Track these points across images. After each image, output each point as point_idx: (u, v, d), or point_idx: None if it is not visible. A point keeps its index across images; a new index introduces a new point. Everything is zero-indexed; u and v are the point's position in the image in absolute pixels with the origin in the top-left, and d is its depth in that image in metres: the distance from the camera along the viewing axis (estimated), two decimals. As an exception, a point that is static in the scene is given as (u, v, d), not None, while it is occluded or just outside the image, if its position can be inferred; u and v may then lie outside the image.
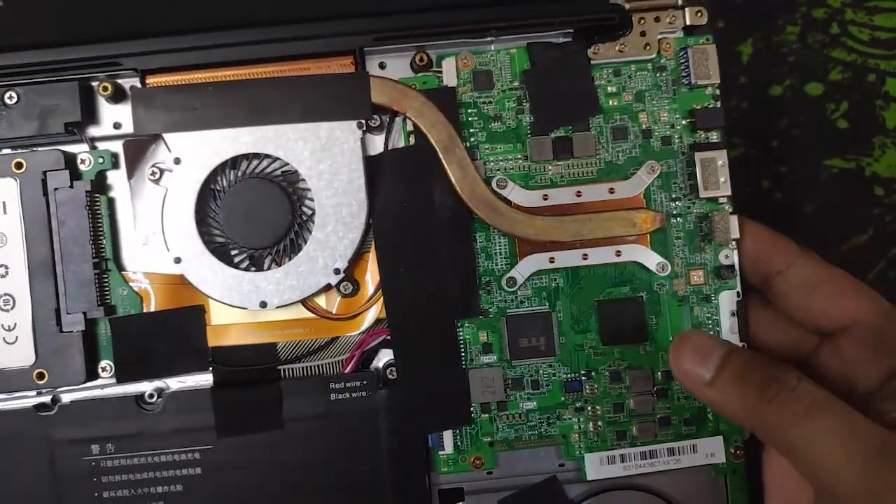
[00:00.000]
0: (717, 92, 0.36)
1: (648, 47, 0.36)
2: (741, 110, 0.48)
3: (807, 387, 0.29)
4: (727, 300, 0.36)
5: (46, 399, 0.35)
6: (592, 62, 0.36)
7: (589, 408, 0.36)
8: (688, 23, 0.36)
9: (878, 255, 0.49)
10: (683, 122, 0.36)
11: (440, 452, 0.36)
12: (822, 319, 0.34)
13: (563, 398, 0.36)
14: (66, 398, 0.35)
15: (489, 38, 0.36)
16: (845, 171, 0.48)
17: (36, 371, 0.34)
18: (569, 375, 0.36)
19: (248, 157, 0.35)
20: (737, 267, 0.36)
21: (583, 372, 0.36)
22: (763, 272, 0.35)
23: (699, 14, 0.35)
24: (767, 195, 0.48)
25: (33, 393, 0.35)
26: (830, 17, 0.49)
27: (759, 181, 0.49)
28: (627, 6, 0.35)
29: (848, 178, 0.48)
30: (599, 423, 0.36)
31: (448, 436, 0.35)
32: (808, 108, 0.49)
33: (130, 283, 0.35)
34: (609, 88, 0.36)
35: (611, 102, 0.36)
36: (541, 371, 0.36)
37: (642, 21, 0.36)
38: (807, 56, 0.48)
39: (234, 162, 0.35)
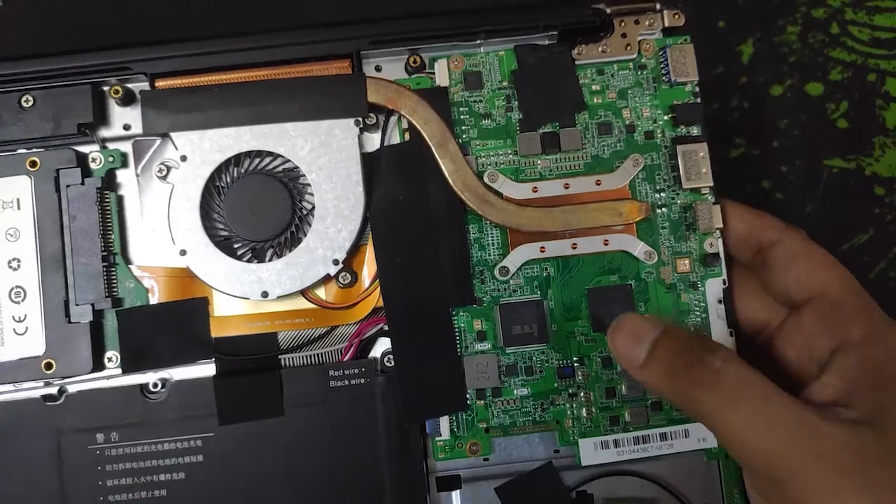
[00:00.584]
0: (696, 89, 0.38)
1: (629, 48, 0.38)
2: (742, 110, 0.49)
3: (730, 368, 0.29)
4: (714, 287, 0.37)
5: (53, 390, 0.36)
6: (577, 62, 0.38)
7: (582, 393, 0.37)
8: (666, 25, 0.38)
9: (879, 255, 0.49)
10: (665, 117, 0.38)
11: (437, 438, 0.36)
12: (794, 290, 0.34)
13: (556, 384, 0.37)
14: (72, 388, 0.36)
15: (478, 41, 0.38)
16: (845, 171, 0.49)
17: (44, 361, 0.35)
18: (561, 362, 0.37)
19: (251, 154, 0.37)
20: (721, 255, 0.37)
21: (575, 358, 0.37)
22: (752, 250, 0.36)
23: (676, 16, 0.38)
24: (768, 195, 0.49)
25: (41, 383, 0.36)
26: (831, 17, 0.49)
27: (759, 181, 0.49)
28: (609, 10, 0.38)
29: (848, 178, 0.48)
30: (592, 408, 0.37)
31: (444, 422, 0.36)
32: (808, 108, 0.49)
33: (136, 276, 0.37)
34: (593, 87, 0.38)
35: (595, 100, 0.38)
36: (534, 358, 0.37)
37: (623, 24, 0.38)
38: (807, 56, 0.49)
39: (237, 159, 0.37)
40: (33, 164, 0.36)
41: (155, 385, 0.36)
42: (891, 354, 0.31)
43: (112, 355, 0.36)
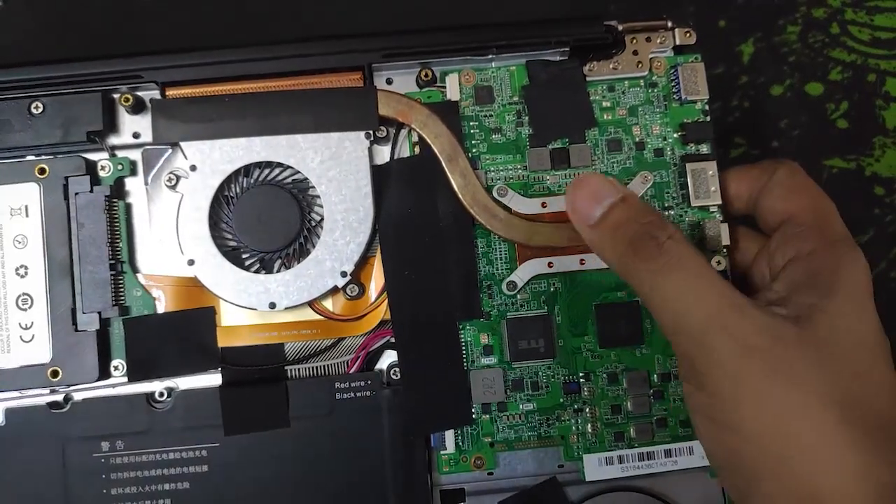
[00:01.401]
0: (707, 107, 0.38)
1: (640, 65, 0.38)
2: (742, 110, 0.49)
3: (673, 244, 0.30)
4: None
5: (59, 398, 0.36)
6: (588, 78, 0.38)
7: (587, 409, 0.37)
8: (677, 43, 0.38)
9: (879, 255, 0.49)
10: (675, 135, 0.38)
11: (442, 452, 0.36)
12: (768, 217, 0.34)
13: (561, 399, 0.37)
14: (78, 396, 0.36)
15: (490, 56, 0.38)
16: (845, 171, 0.49)
17: (51, 369, 0.35)
18: (567, 377, 0.37)
19: (261, 164, 0.37)
20: (728, 274, 0.37)
21: (581, 374, 0.37)
22: (752, 195, 0.36)
23: (688, 35, 0.38)
24: (767, 195, 0.49)
25: (47, 390, 0.36)
26: (831, 17, 0.49)
27: (759, 181, 0.49)
28: (620, 27, 0.38)
29: (848, 178, 0.48)
30: (598, 424, 0.37)
31: (450, 435, 0.36)
32: (808, 108, 0.49)
33: (143, 285, 0.37)
34: (604, 103, 0.38)
35: (605, 116, 0.38)
36: (540, 373, 0.37)
37: (634, 41, 0.38)
38: (807, 56, 0.49)
39: (247, 169, 0.37)
40: (42, 171, 0.36)
41: (161, 394, 0.36)
42: (833, 265, 0.31)
43: (118, 364, 0.36)
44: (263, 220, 0.36)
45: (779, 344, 0.28)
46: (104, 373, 0.36)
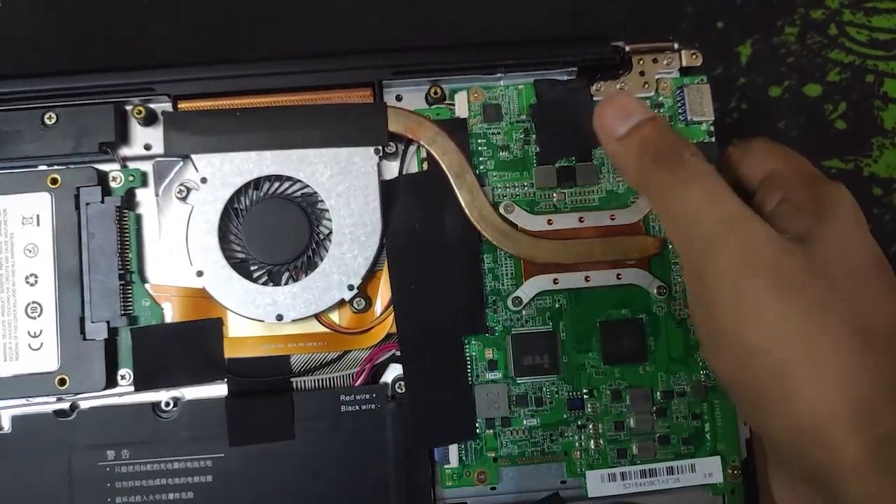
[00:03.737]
0: (712, 128, 0.38)
1: (647, 86, 0.38)
2: (740, 111, 0.49)
3: (696, 160, 0.31)
4: (723, 324, 0.38)
5: (66, 406, 0.36)
6: (595, 98, 0.38)
7: (590, 425, 0.37)
8: (684, 64, 0.38)
9: None
10: (680, 155, 0.38)
11: (445, 466, 0.37)
12: (752, 176, 0.34)
13: (565, 415, 0.37)
14: (85, 405, 0.36)
15: (498, 75, 0.38)
16: (844, 172, 0.49)
17: (58, 377, 0.35)
18: (571, 393, 0.37)
19: (271, 178, 0.37)
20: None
21: (585, 390, 0.37)
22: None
23: (694, 56, 0.38)
24: (766, 195, 0.49)
25: (53, 398, 0.36)
26: (829, 19, 0.50)
27: (757, 182, 0.49)
28: (628, 48, 0.38)
29: (846, 179, 0.47)
30: (601, 440, 0.37)
31: (454, 450, 0.37)
32: (806, 109, 0.49)
33: (152, 295, 0.37)
34: (610, 122, 0.38)
35: (612, 135, 0.38)
36: (544, 388, 0.37)
37: (641, 62, 0.38)
38: (805, 57, 0.49)
39: (257, 183, 0.37)
40: (54, 181, 0.36)
41: (167, 404, 0.37)
42: (820, 196, 0.31)
43: (125, 373, 0.36)
44: (272, 233, 0.37)
45: (785, 256, 0.28)
46: (111, 382, 0.36)
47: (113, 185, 0.37)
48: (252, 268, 0.37)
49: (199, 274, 0.36)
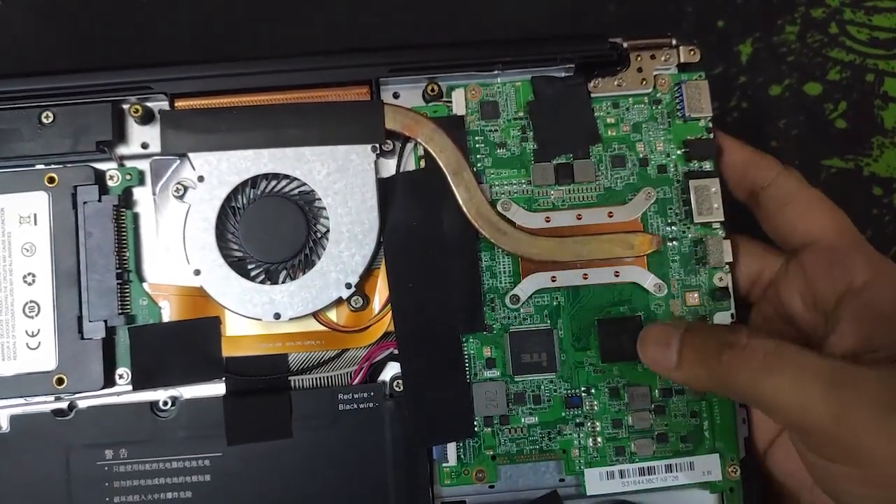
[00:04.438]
0: (710, 124, 0.38)
1: (645, 82, 0.38)
2: (740, 110, 0.49)
3: (756, 342, 0.30)
4: (722, 322, 0.37)
5: (63, 405, 0.36)
6: (592, 95, 0.38)
7: (589, 423, 0.37)
8: (681, 60, 0.38)
9: None
10: (678, 151, 0.38)
11: (444, 465, 0.37)
12: (789, 236, 0.35)
13: (563, 413, 0.37)
14: (82, 404, 0.36)
15: (496, 72, 0.38)
16: (844, 171, 0.49)
17: (56, 376, 0.35)
18: (569, 391, 0.37)
19: (268, 176, 0.37)
20: (731, 289, 0.38)
21: (583, 388, 0.37)
22: (747, 188, 0.37)
23: (692, 52, 0.38)
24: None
25: (51, 398, 0.36)
26: (829, 17, 0.50)
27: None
28: (625, 44, 0.38)
29: (846, 178, 0.48)
30: (599, 438, 0.37)
31: (452, 448, 0.36)
32: (806, 108, 0.49)
33: (149, 294, 0.37)
34: (608, 119, 0.38)
35: (609, 132, 0.38)
36: (542, 386, 0.37)
37: (639, 58, 0.38)
38: (806, 56, 0.49)
39: (254, 181, 0.37)
40: (51, 179, 0.36)
41: (165, 403, 0.37)
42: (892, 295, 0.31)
43: (123, 372, 0.36)
44: (269, 232, 0.37)
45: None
46: (109, 381, 0.36)
47: (110, 183, 0.37)
48: (249, 266, 0.37)
49: (197, 272, 0.36)
